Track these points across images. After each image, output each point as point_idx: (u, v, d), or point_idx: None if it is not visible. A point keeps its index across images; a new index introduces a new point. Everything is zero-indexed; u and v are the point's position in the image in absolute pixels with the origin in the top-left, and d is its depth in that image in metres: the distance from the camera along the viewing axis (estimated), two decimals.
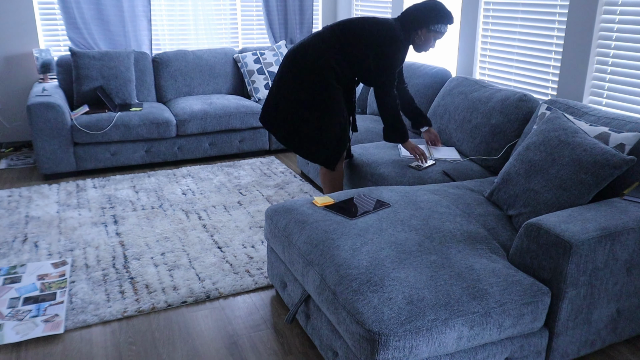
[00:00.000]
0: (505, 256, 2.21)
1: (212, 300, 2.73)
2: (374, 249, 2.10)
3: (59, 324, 2.50)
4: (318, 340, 2.19)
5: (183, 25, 5.47)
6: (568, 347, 2.15)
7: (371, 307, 1.79)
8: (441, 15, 3.06)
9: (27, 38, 4.93)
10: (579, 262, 2.00)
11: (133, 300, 2.71)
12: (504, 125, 3.21)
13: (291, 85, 3.11)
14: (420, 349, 1.76)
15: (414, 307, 1.80)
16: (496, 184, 2.66)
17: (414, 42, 3.17)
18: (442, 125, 3.65)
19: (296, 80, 3.09)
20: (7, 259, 3.09)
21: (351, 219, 2.34)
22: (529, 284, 1.99)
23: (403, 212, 2.42)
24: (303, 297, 2.28)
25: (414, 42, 3.17)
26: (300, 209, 2.48)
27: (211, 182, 4.31)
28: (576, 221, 2.09)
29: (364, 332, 1.73)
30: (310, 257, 2.16)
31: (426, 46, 3.17)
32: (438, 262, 2.04)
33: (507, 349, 1.99)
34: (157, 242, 3.29)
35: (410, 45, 3.20)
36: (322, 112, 3.08)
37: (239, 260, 3.08)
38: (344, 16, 5.90)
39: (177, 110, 4.68)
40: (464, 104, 3.52)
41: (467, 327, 1.82)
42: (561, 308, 2.04)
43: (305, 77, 3.07)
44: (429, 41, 3.14)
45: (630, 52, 2.96)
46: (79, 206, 3.83)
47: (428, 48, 3.18)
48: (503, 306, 1.88)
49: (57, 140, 4.25)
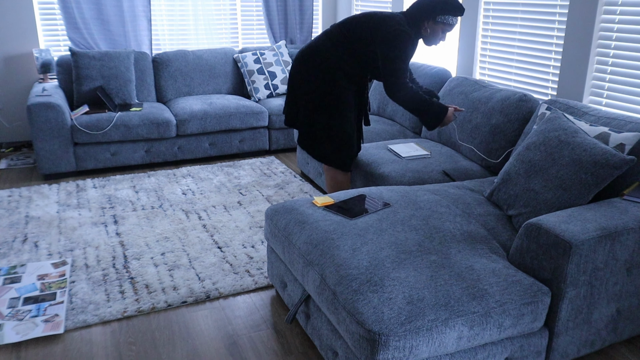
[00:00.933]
0: (505, 256, 2.21)
1: (212, 300, 2.73)
2: (374, 249, 2.10)
3: (59, 324, 2.50)
4: (318, 340, 2.19)
5: (183, 25, 5.47)
6: (568, 347, 2.15)
7: (371, 307, 1.79)
8: (448, 6, 2.93)
9: (27, 38, 4.93)
10: (579, 262, 2.00)
11: (133, 300, 2.71)
12: (504, 125, 3.21)
13: (302, 88, 3.12)
14: (420, 349, 1.76)
15: (414, 307, 1.80)
16: (496, 183, 2.66)
17: (422, 35, 3.07)
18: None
19: (306, 82, 3.11)
20: (7, 259, 3.09)
21: (351, 219, 2.33)
22: (529, 284, 1.99)
23: (403, 212, 2.42)
24: (303, 297, 2.28)
25: (422, 35, 3.07)
26: (301, 209, 2.48)
27: (211, 182, 4.31)
28: (576, 221, 2.09)
29: (364, 332, 1.73)
30: (310, 257, 2.16)
31: (435, 39, 3.06)
32: (438, 262, 2.04)
33: (507, 349, 1.99)
34: (157, 242, 3.29)
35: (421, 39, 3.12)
36: (330, 113, 3.09)
37: (239, 260, 3.08)
38: (344, 16, 5.90)
39: (177, 110, 4.68)
40: (464, 104, 3.52)
41: (467, 327, 1.82)
42: (561, 308, 2.04)
43: (314, 78, 3.08)
44: (437, 33, 3.03)
45: (630, 52, 2.96)
46: (79, 206, 3.83)
47: (438, 41, 3.07)
48: (503, 306, 1.88)
49: (57, 140, 4.25)
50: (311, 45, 3.14)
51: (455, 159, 3.37)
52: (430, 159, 3.32)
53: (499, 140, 3.22)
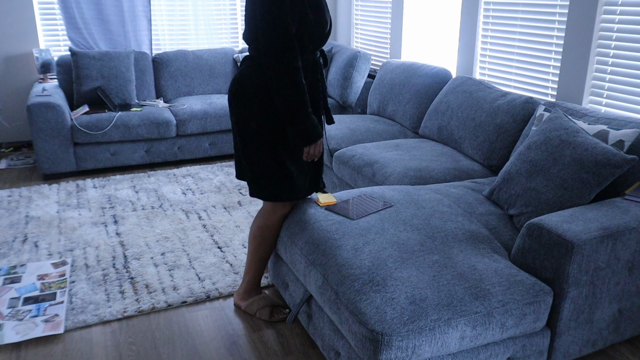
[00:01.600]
0: (507, 256, 2.20)
1: (212, 300, 2.72)
2: (376, 248, 2.10)
3: (59, 324, 2.49)
4: (320, 341, 2.19)
5: (183, 25, 5.46)
6: (570, 347, 2.15)
7: (374, 307, 1.79)
8: None
9: (27, 38, 4.92)
10: (581, 262, 2.00)
11: (133, 300, 2.70)
12: (509, 125, 3.19)
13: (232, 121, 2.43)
14: (422, 349, 1.75)
15: (416, 307, 1.79)
16: (496, 183, 2.66)
17: None
18: (444, 122, 3.64)
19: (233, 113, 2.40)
20: (7, 259, 3.09)
21: (353, 218, 2.33)
22: (531, 284, 1.99)
23: (405, 211, 2.42)
24: (305, 297, 2.27)
25: None
26: (302, 208, 2.47)
27: (211, 182, 4.30)
28: (578, 221, 2.09)
29: (367, 332, 1.73)
30: (312, 257, 2.16)
31: None
32: (440, 262, 2.04)
33: (509, 349, 1.98)
34: (157, 242, 3.29)
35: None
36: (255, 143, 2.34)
37: (239, 260, 3.07)
38: (344, 16, 5.89)
39: (177, 110, 4.68)
40: (468, 102, 3.51)
41: (470, 327, 1.82)
42: (563, 308, 2.04)
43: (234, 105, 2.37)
44: None
45: (630, 52, 2.96)
46: (79, 206, 3.83)
47: None
48: (505, 306, 1.88)
49: (57, 140, 4.25)
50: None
51: (456, 158, 3.37)
52: (433, 160, 3.31)
53: (503, 139, 3.21)
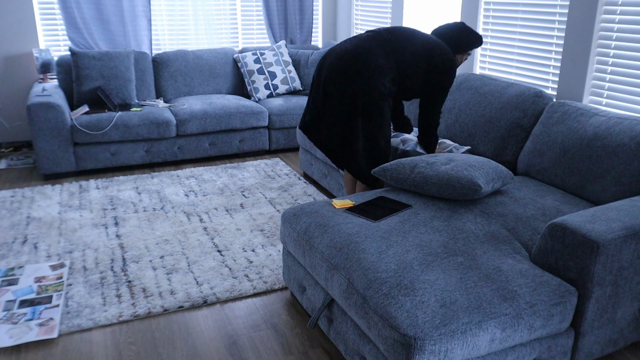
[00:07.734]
0: (527, 256, 2.20)
1: (209, 305, 2.68)
2: (400, 251, 2.08)
3: (53, 328, 2.44)
4: (343, 345, 2.17)
5: (183, 25, 5.42)
6: (593, 346, 2.15)
7: (404, 311, 1.78)
8: (477, 41, 3.14)
9: (27, 38, 4.85)
10: (605, 262, 1.99)
11: (129, 304, 2.65)
12: (521, 120, 3.17)
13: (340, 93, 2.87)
14: (454, 352, 1.74)
15: (447, 310, 1.78)
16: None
17: None
18: (451, 120, 3.61)
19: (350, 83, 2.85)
20: (6, 261, 3.03)
21: (374, 221, 2.31)
22: (557, 285, 1.99)
23: (424, 212, 2.40)
24: (326, 301, 2.25)
25: None
26: (320, 212, 2.45)
27: (214, 183, 4.26)
28: (601, 221, 2.09)
29: (399, 336, 1.72)
30: (334, 261, 2.14)
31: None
32: (465, 264, 2.03)
33: (535, 350, 1.98)
34: (156, 245, 3.24)
35: None
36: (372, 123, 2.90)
37: (239, 264, 3.02)
38: (344, 16, 5.88)
39: (177, 110, 4.63)
40: (475, 99, 3.48)
41: (500, 329, 1.81)
42: (587, 308, 2.04)
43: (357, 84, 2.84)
44: (461, 62, 3.22)
45: (630, 52, 2.97)
46: (81, 207, 3.78)
47: None
48: (533, 307, 1.88)
49: (57, 140, 4.19)
50: (358, 46, 2.88)
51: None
52: None
53: (517, 134, 3.18)
